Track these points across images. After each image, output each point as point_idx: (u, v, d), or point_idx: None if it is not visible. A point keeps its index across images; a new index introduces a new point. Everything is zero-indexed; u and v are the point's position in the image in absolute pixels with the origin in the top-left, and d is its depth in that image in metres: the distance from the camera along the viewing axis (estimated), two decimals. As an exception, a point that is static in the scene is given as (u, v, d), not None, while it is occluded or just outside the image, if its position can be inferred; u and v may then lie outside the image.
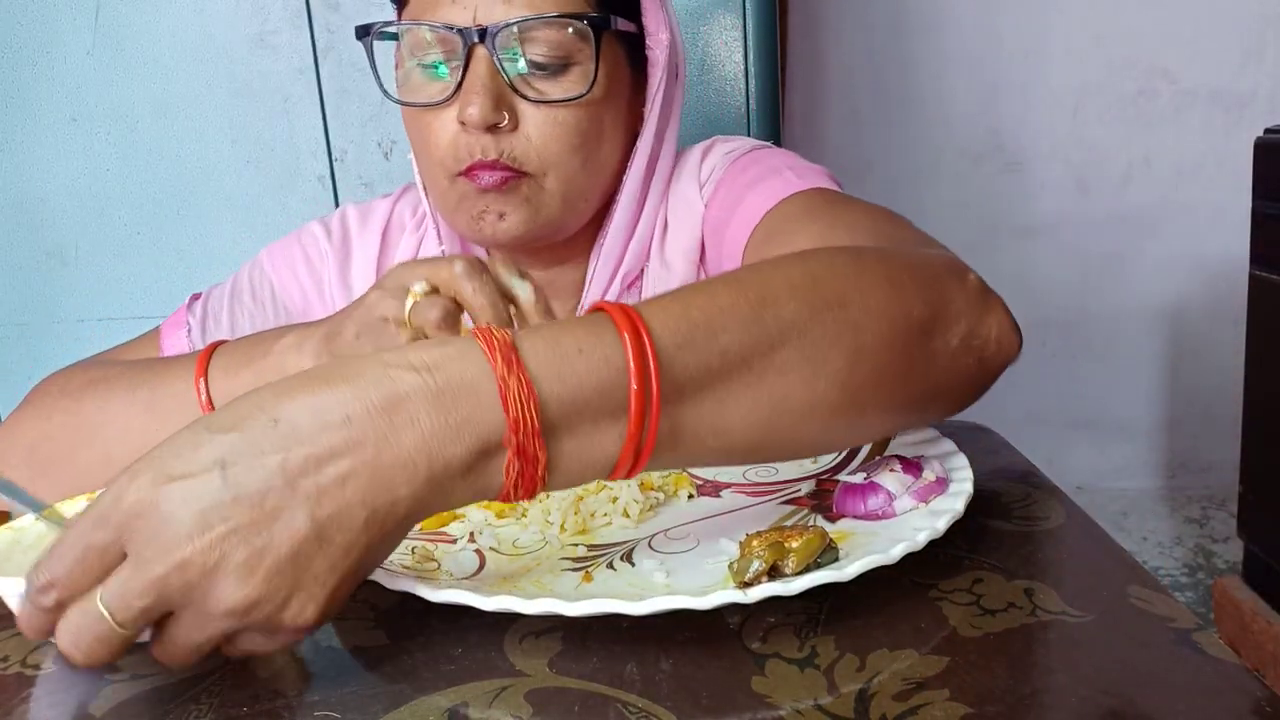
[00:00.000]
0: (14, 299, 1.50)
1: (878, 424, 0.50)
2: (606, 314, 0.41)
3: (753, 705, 0.36)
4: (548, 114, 0.68)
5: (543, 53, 0.66)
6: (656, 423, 0.40)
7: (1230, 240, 2.06)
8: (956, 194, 2.24)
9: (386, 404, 0.37)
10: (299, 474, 0.36)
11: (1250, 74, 2.16)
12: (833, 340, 0.45)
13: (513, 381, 0.37)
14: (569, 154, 0.69)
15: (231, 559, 0.35)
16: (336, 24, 1.37)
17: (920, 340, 0.48)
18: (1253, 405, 1.46)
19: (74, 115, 1.42)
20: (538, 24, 0.65)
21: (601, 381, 0.39)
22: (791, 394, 0.44)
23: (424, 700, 0.38)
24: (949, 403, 0.52)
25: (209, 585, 0.35)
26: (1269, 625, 1.40)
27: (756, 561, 0.42)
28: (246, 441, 0.36)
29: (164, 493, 0.35)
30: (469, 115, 0.65)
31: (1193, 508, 2.29)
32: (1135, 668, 0.38)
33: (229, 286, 0.81)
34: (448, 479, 0.38)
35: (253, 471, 0.35)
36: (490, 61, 0.65)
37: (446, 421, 0.37)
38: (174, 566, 0.35)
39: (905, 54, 2.20)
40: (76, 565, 0.36)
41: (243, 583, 0.35)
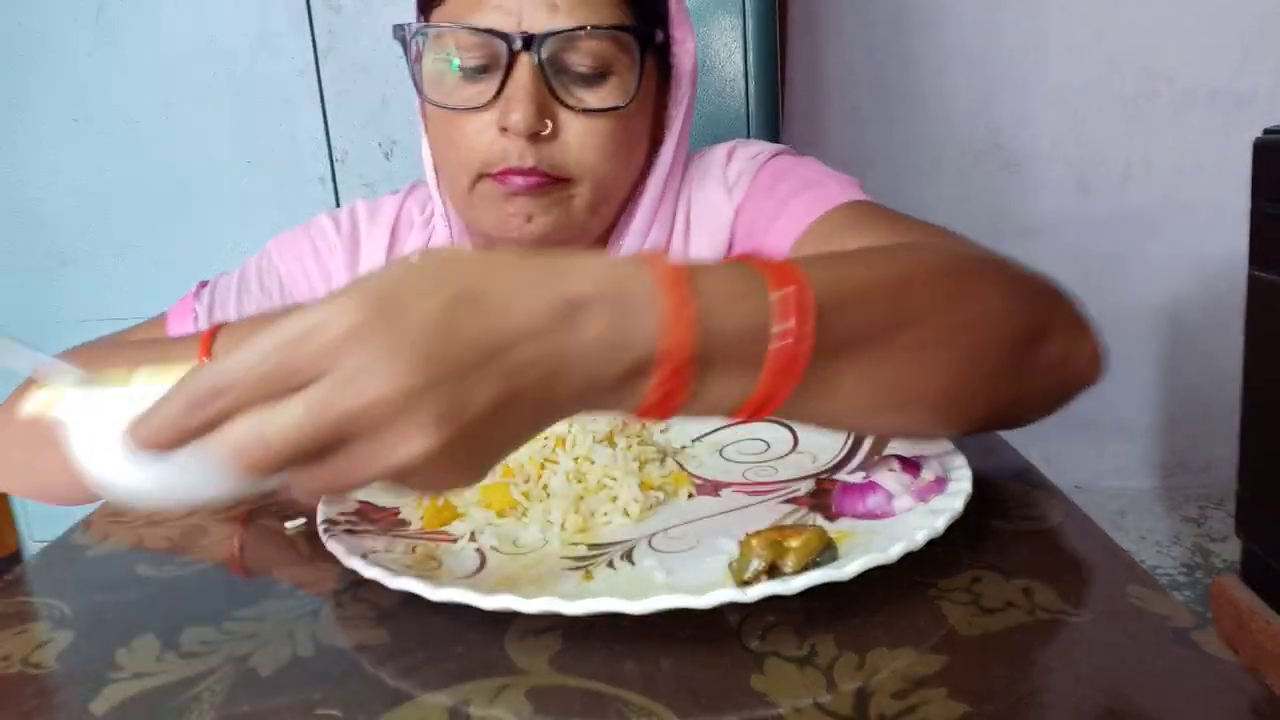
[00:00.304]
0: (14, 299, 1.50)
1: (966, 421, 0.51)
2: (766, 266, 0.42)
3: (752, 704, 0.36)
4: (587, 122, 0.68)
5: (584, 62, 0.67)
6: (798, 376, 0.41)
7: (1230, 240, 2.05)
8: (957, 193, 2.24)
9: (571, 303, 0.37)
10: (498, 350, 0.36)
11: (1250, 74, 2.16)
12: (957, 330, 0.47)
13: (680, 309, 0.38)
14: (605, 161, 0.70)
15: (428, 412, 0.35)
16: (337, 25, 1.37)
17: (1026, 349, 0.50)
18: (1251, 405, 1.46)
19: (75, 116, 1.42)
20: (582, 33, 0.66)
21: (756, 329, 0.40)
22: (911, 373, 0.46)
23: (425, 699, 0.38)
24: (1027, 414, 0.54)
25: (399, 431, 0.35)
26: (1267, 624, 1.40)
27: (756, 560, 0.42)
28: (461, 303, 0.36)
29: (379, 329, 0.35)
30: (513, 122, 0.65)
31: (1191, 507, 2.29)
32: (1133, 667, 0.38)
33: (236, 276, 0.82)
34: (597, 391, 0.39)
35: (464, 333, 0.36)
36: (534, 69, 0.66)
37: (615, 332, 0.38)
38: (376, 402, 0.34)
39: (905, 52, 2.20)
40: (266, 375, 0.35)
41: (431, 438, 0.35)
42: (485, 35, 0.66)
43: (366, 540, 0.50)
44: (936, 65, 2.20)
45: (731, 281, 0.41)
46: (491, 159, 0.68)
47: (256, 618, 0.46)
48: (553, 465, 0.56)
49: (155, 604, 0.49)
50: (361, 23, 1.35)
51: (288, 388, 0.35)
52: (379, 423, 0.35)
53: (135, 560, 0.55)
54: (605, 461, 0.55)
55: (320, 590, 0.49)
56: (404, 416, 0.35)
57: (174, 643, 0.44)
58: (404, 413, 0.35)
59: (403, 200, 0.84)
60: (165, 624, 0.46)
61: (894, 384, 0.46)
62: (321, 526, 0.51)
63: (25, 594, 0.51)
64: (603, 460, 0.56)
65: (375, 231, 0.82)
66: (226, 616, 0.46)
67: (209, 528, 0.59)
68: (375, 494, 0.57)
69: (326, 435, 0.35)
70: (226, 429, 0.35)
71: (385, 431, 0.35)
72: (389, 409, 0.34)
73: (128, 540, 0.58)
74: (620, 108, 0.68)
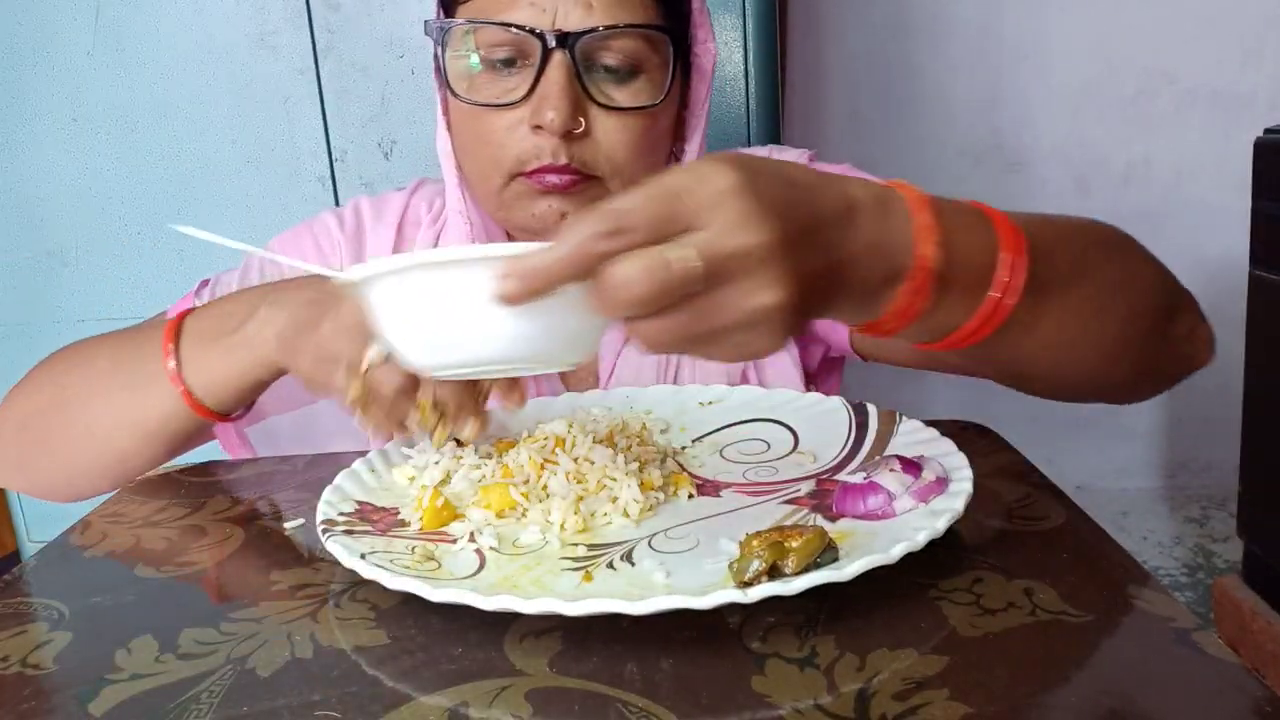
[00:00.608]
0: (14, 299, 1.50)
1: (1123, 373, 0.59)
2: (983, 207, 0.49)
3: (753, 705, 0.36)
4: (618, 120, 0.68)
5: (616, 59, 0.67)
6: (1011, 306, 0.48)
7: (1230, 240, 2.05)
8: (957, 194, 2.21)
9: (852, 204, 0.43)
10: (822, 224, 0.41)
11: (1250, 74, 2.16)
12: (1121, 289, 0.55)
13: (930, 226, 0.44)
14: (635, 159, 0.70)
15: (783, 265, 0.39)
16: (337, 24, 1.37)
17: (1168, 318, 0.58)
18: (1252, 405, 1.46)
19: (74, 116, 1.42)
20: (616, 32, 0.66)
21: (984, 254, 0.47)
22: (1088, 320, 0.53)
23: (424, 700, 0.38)
24: (1148, 386, 0.62)
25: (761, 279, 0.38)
26: (1269, 625, 1.40)
27: (756, 561, 0.42)
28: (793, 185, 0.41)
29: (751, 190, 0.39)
30: (548, 120, 0.65)
31: (1192, 507, 2.29)
32: (1135, 667, 0.38)
33: (238, 273, 0.81)
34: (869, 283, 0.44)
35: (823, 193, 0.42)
36: (568, 67, 0.66)
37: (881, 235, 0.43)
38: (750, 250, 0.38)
39: (905, 54, 2.20)
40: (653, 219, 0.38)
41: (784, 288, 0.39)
42: (520, 32, 0.65)
43: (366, 541, 0.50)
44: (937, 66, 2.20)
45: (965, 214, 0.47)
46: (525, 156, 0.68)
47: (255, 618, 0.46)
48: (553, 465, 0.56)
49: (154, 605, 0.49)
50: (361, 22, 1.35)
51: (673, 232, 0.38)
52: (749, 269, 0.38)
53: (134, 561, 0.54)
54: (605, 462, 0.55)
55: (319, 591, 0.48)
56: (768, 266, 0.38)
57: (173, 644, 0.44)
58: (767, 263, 0.38)
59: (409, 197, 0.83)
60: (164, 625, 0.46)
61: (1075, 328, 0.53)
62: (321, 527, 0.51)
63: (23, 595, 0.51)
64: (603, 460, 0.55)
65: (381, 228, 0.81)
66: (225, 617, 0.46)
67: (208, 528, 0.58)
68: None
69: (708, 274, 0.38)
70: (614, 265, 0.38)
71: (751, 278, 0.38)
72: (760, 257, 0.38)
73: (126, 541, 0.57)
74: (651, 106, 0.69)
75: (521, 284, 0.38)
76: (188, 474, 0.69)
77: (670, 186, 0.39)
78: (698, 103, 0.76)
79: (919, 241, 0.44)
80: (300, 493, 0.63)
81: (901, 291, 0.44)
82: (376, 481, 0.59)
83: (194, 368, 0.63)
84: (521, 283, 0.38)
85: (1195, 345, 0.60)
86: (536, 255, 0.38)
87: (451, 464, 0.59)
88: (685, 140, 0.77)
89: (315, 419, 0.79)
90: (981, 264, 0.47)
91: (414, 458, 0.61)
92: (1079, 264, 0.53)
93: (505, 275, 0.39)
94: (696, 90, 0.76)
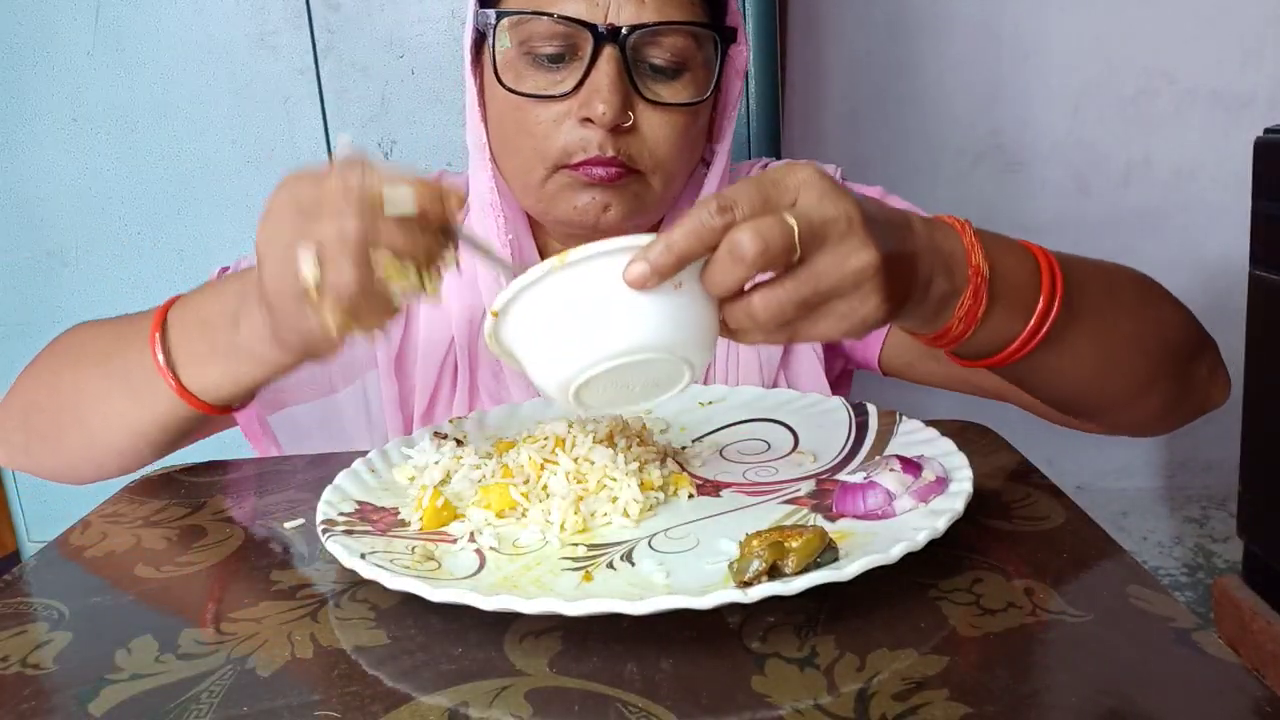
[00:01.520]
0: (14, 299, 1.50)
1: (1148, 404, 0.64)
2: (1018, 240, 0.56)
3: (753, 705, 0.36)
4: (664, 116, 0.69)
5: (663, 56, 0.68)
6: (1049, 325, 0.54)
7: (1230, 240, 2.05)
8: (956, 194, 2.24)
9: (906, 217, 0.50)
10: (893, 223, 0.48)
11: (1250, 74, 2.16)
12: (1152, 326, 0.61)
13: (977, 246, 0.52)
14: (676, 155, 0.70)
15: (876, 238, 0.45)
16: (337, 24, 1.37)
17: (1190, 359, 0.64)
18: (1252, 405, 1.46)
19: (74, 116, 1.42)
20: (666, 28, 0.66)
21: (1025, 277, 0.54)
22: (1120, 349, 0.59)
23: (424, 700, 0.38)
24: (1176, 419, 0.67)
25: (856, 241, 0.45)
26: (1269, 625, 1.40)
27: (756, 561, 0.42)
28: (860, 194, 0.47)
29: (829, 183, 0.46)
30: (598, 114, 0.65)
31: (1192, 507, 2.29)
32: (1135, 667, 0.38)
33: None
34: (937, 289, 0.51)
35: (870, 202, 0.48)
36: (619, 61, 0.66)
37: (939, 243, 0.51)
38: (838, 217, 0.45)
39: (905, 54, 2.20)
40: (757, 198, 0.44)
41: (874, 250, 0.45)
42: (572, 25, 0.66)
43: (366, 541, 0.50)
44: (936, 66, 2.20)
45: (1001, 238, 0.55)
46: (571, 149, 0.68)
47: (255, 618, 0.46)
48: (553, 465, 0.56)
49: (154, 605, 0.49)
50: (361, 22, 1.35)
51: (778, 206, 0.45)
52: (841, 233, 0.45)
53: (133, 561, 0.54)
54: (605, 462, 0.55)
55: (319, 591, 0.48)
56: (855, 231, 0.45)
57: (172, 644, 0.44)
58: (854, 228, 0.45)
59: None
60: (163, 625, 0.46)
61: (1107, 354, 0.58)
62: (321, 527, 0.51)
63: (23, 595, 0.51)
64: (603, 460, 0.55)
65: None
66: (225, 617, 0.46)
67: (208, 528, 0.58)
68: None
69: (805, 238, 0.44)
70: (732, 233, 0.43)
71: (844, 242, 0.45)
72: (848, 222, 0.45)
73: (126, 541, 0.57)
74: (697, 102, 0.69)
75: (652, 264, 0.43)
76: (188, 474, 0.69)
77: (765, 178, 0.45)
78: (730, 103, 0.76)
79: (971, 253, 0.51)
80: (300, 493, 0.63)
81: (964, 298, 0.51)
82: (376, 481, 0.59)
83: (194, 378, 0.62)
84: (652, 263, 0.43)
85: (1215, 385, 0.66)
86: (660, 238, 0.43)
87: (451, 464, 0.59)
88: (715, 140, 0.77)
89: (337, 408, 0.79)
90: (1024, 280, 0.54)
91: (414, 458, 0.61)
92: (1111, 294, 0.59)
93: (636, 260, 0.43)
94: (730, 90, 0.76)
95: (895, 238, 0.47)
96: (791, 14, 2.08)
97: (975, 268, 0.51)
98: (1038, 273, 0.54)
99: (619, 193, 0.69)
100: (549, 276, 0.45)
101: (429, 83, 1.39)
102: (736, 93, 0.76)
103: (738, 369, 0.77)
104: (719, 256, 0.44)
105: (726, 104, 0.77)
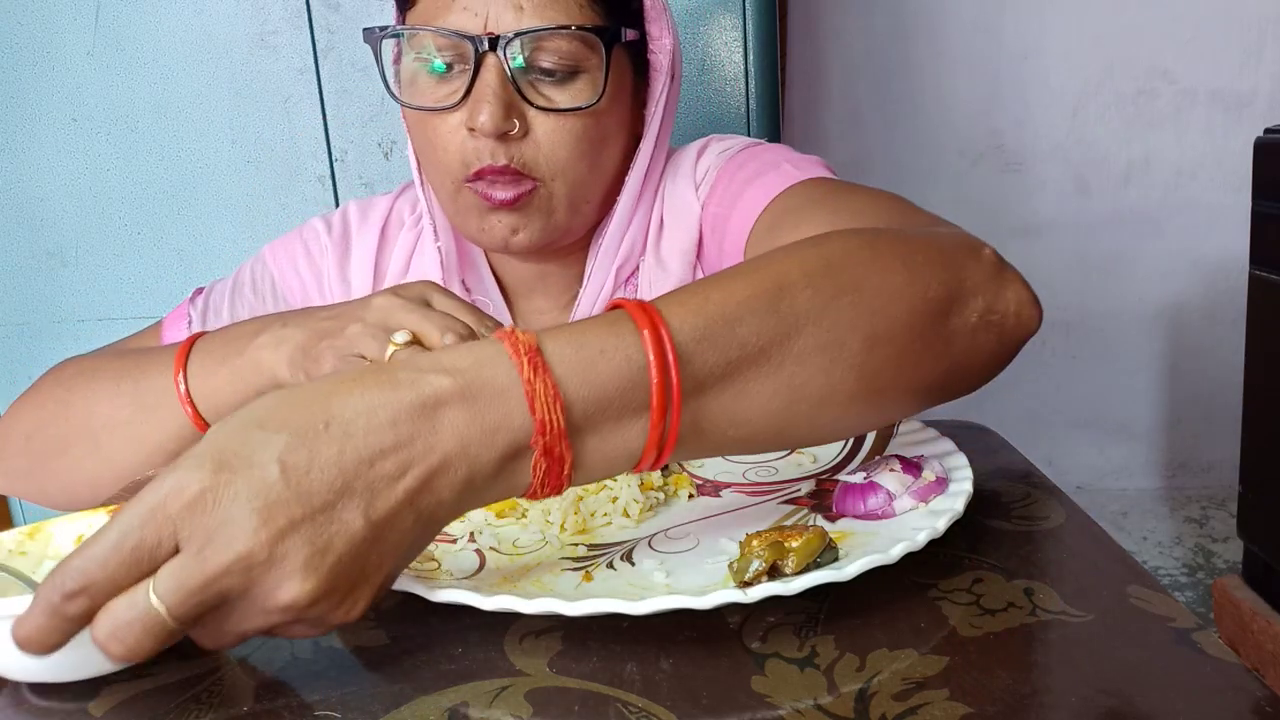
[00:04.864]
0: (14, 299, 1.50)
1: (897, 406, 0.50)
2: (625, 311, 0.42)
3: (753, 705, 0.36)
4: (557, 121, 0.68)
5: (552, 61, 0.67)
6: (678, 416, 0.41)
7: (1230, 240, 2.06)
8: (956, 194, 2.24)
9: (426, 406, 0.37)
10: (353, 475, 0.36)
11: (1250, 74, 2.16)
12: (849, 326, 0.45)
13: (539, 385, 0.38)
14: (577, 160, 0.69)
15: (294, 557, 0.35)
16: (336, 24, 1.37)
17: (938, 320, 0.48)
18: (1252, 405, 1.46)
19: (74, 116, 1.42)
20: (548, 33, 0.66)
21: (624, 380, 0.40)
22: (810, 381, 0.44)
23: (424, 700, 0.38)
24: (969, 380, 0.52)
25: (271, 581, 0.35)
26: (1269, 625, 1.40)
27: (756, 561, 0.42)
28: (301, 441, 0.36)
29: (225, 488, 0.35)
30: (480, 123, 0.65)
31: (1192, 507, 2.29)
32: (1135, 667, 0.38)
33: (231, 281, 0.82)
34: (481, 480, 0.39)
35: (310, 472, 0.36)
36: (501, 69, 0.66)
37: (481, 424, 0.38)
38: (237, 561, 0.34)
39: (905, 54, 2.20)
40: (123, 562, 0.34)
41: (305, 580, 0.35)
42: (453, 37, 0.66)
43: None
44: (936, 66, 2.20)
45: (591, 340, 0.40)
46: (466, 160, 0.68)
47: (255, 618, 0.46)
48: None
49: (154, 605, 0.49)
50: (361, 22, 1.35)
51: (151, 567, 0.35)
52: (248, 580, 0.35)
53: (134, 561, 0.54)
54: None
55: (319, 591, 0.48)
56: (270, 568, 0.35)
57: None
58: (268, 564, 0.35)
59: (394, 200, 0.84)
60: (164, 625, 0.46)
61: (798, 393, 0.44)
62: (320, 527, 0.51)
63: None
64: None
65: (366, 231, 0.82)
66: (225, 617, 0.46)
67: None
68: None
69: (200, 601, 0.35)
70: (95, 623, 0.35)
71: (257, 586, 0.35)
72: (251, 564, 0.35)
73: (126, 541, 0.57)
74: (588, 107, 0.68)
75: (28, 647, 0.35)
76: (188, 474, 0.69)
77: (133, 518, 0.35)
78: (654, 100, 0.75)
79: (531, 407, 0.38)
80: (300, 493, 0.63)
81: (535, 463, 0.39)
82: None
83: (201, 390, 0.63)
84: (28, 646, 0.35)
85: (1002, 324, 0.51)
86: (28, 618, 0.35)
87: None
88: (643, 137, 0.76)
89: None
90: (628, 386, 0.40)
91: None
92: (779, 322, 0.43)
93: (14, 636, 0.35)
94: (653, 87, 0.75)
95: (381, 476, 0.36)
96: (791, 14, 2.08)
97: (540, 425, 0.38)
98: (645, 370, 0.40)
99: (523, 214, 0.69)
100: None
101: (429, 83, 1.39)
102: (660, 90, 0.74)
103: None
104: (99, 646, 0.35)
105: (650, 101, 0.75)
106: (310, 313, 0.62)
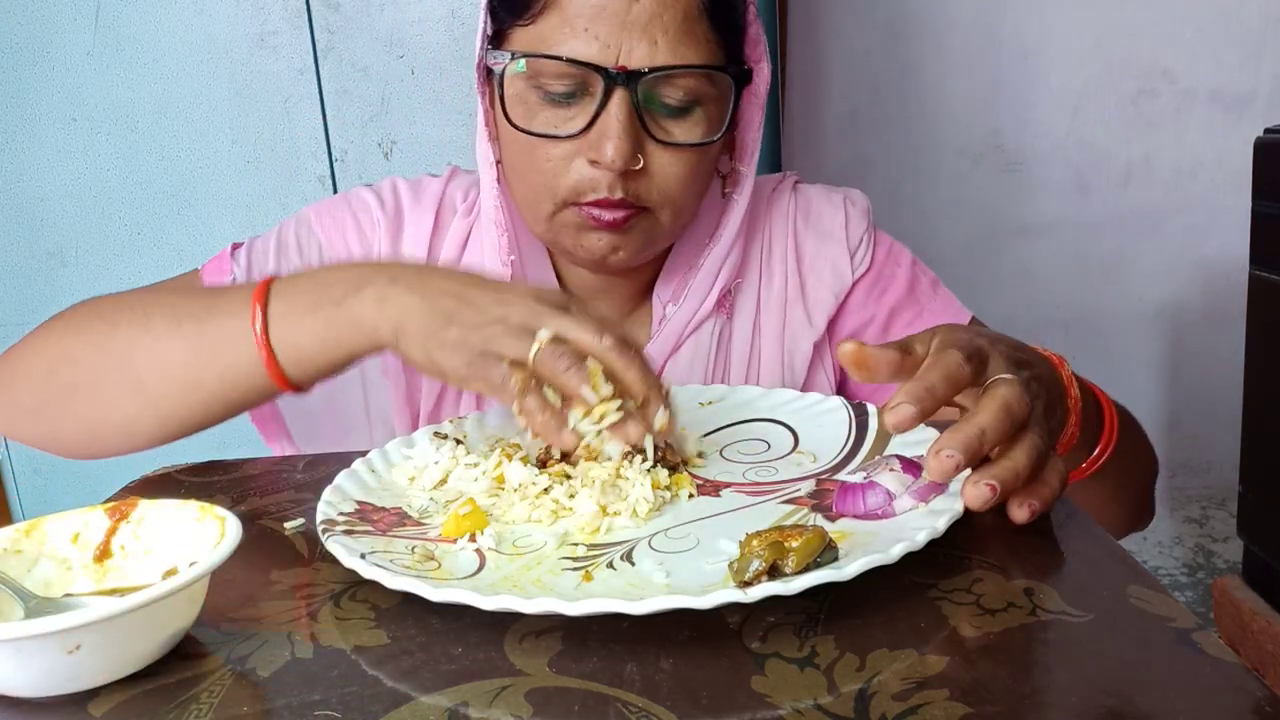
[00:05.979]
0: (14, 299, 1.50)
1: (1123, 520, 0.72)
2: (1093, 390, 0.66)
3: (753, 705, 0.36)
4: (675, 155, 0.68)
5: (677, 97, 0.67)
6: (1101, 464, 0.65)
7: (1230, 240, 2.05)
8: (956, 194, 2.24)
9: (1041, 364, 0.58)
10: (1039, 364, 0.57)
11: (1250, 74, 2.16)
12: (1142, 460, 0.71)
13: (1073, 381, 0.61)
14: (686, 190, 0.70)
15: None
16: (336, 24, 1.37)
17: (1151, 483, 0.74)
18: (1252, 405, 1.46)
19: (74, 116, 1.42)
20: (680, 71, 0.65)
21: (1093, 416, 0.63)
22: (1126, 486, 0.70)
23: (424, 700, 0.38)
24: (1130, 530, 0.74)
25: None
26: (1269, 625, 1.40)
27: (756, 561, 0.42)
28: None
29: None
30: (608, 159, 0.65)
31: (1193, 507, 2.29)
32: (1135, 667, 0.38)
33: (273, 239, 0.80)
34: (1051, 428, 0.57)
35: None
36: (629, 104, 0.65)
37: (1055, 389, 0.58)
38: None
39: (905, 54, 2.20)
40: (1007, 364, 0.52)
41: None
42: (583, 68, 0.65)
43: (366, 541, 0.50)
44: (936, 66, 2.20)
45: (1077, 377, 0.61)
46: (581, 188, 0.67)
47: (255, 618, 0.46)
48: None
49: (154, 605, 0.49)
50: (361, 22, 1.35)
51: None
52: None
53: (134, 561, 0.54)
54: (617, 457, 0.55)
55: (319, 591, 0.48)
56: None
57: (172, 644, 0.44)
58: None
59: (445, 184, 0.82)
60: (164, 625, 0.46)
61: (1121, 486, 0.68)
62: (321, 527, 0.51)
63: (23, 595, 0.51)
64: (615, 454, 0.55)
65: (420, 212, 0.80)
66: (225, 617, 0.46)
67: (208, 528, 0.58)
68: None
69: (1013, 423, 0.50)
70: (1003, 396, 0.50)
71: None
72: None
73: (126, 541, 0.57)
74: (709, 142, 0.69)
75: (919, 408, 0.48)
76: (188, 474, 0.69)
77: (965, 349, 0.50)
78: (751, 124, 0.75)
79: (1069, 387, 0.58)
80: (300, 493, 0.63)
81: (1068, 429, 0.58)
82: (376, 481, 0.59)
83: (286, 337, 0.60)
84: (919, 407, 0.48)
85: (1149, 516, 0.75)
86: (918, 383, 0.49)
87: (450, 464, 0.59)
88: (739, 160, 0.77)
89: (346, 405, 0.79)
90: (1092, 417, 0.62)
91: (414, 458, 0.61)
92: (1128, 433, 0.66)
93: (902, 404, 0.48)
94: (749, 112, 0.75)
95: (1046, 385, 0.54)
96: (791, 14, 2.08)
97: (1074, 400, 0.57)
98: (1100, 413, 0.62)
99: (626, 235, 0.69)
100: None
101: (429, 83, 1.40)
102: (757, 112, 0.75)
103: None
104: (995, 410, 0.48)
105: (745, 124, 0.76)
106: (424, 277, 0.59)
